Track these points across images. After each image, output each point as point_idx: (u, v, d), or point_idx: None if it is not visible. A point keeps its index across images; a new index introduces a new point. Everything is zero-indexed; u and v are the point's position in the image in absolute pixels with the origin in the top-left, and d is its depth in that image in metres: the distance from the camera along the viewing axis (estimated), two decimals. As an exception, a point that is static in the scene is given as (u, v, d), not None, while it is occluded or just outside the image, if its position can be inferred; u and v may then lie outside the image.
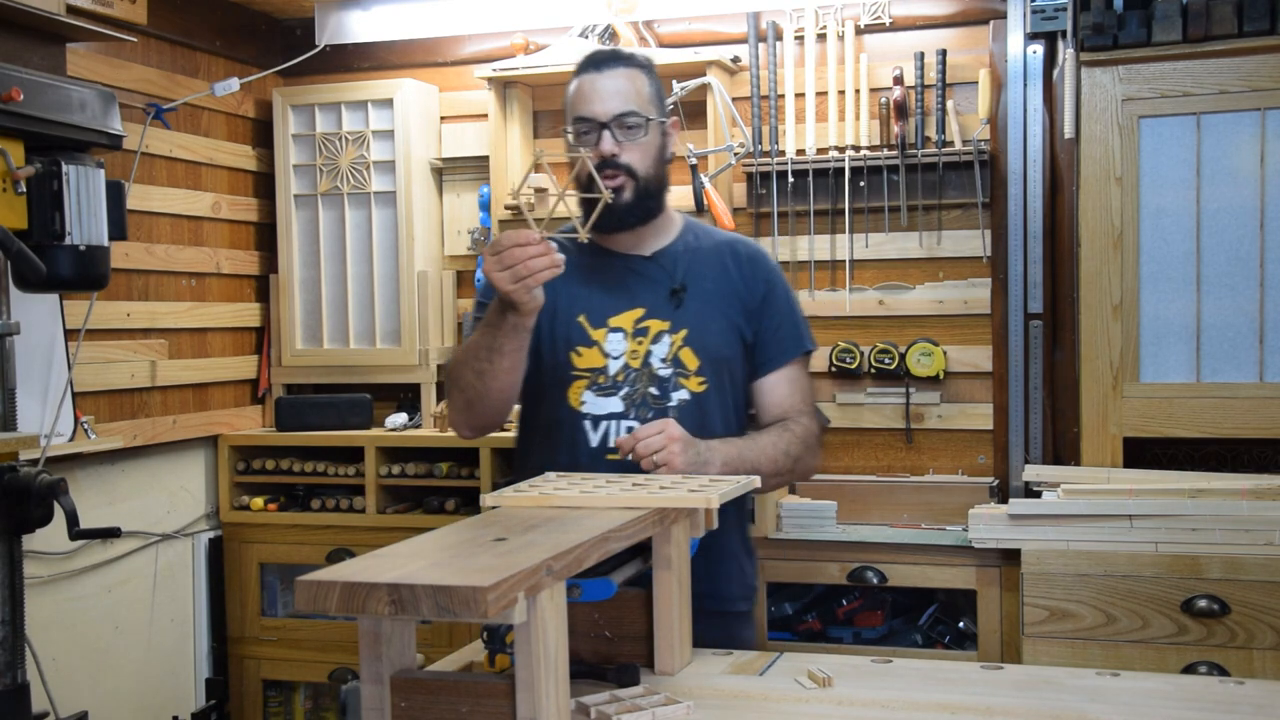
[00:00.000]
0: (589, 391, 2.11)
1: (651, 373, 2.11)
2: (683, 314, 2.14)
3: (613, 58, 2.14)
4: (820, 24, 3.44)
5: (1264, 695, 1.59)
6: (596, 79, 2.11)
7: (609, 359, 2.11)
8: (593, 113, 2.09)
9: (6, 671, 2.08)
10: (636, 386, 2.10)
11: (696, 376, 2.13)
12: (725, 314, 2.17)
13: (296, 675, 3.66)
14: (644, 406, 2.10)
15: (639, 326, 2.13)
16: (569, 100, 2.15)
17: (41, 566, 3.04)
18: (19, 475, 2.05)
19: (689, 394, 2.12)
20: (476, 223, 3.75)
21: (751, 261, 2.23)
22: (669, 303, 2.14)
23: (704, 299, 2.16)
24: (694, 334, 2.13)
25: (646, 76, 2.15)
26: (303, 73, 3.83)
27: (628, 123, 2.09)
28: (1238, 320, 2.84)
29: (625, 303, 2.13)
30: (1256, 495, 2.65)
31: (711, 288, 2.17)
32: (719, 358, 2.15)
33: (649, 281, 2.15)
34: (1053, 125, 3.24)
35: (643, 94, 2.12)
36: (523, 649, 1.37)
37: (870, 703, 1.57)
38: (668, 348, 2.12)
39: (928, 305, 3.42)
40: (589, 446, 2.09)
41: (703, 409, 2.12)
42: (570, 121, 2.13)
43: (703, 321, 2.14)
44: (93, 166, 2.25)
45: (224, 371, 3.69)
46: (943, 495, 3.26)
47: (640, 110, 2.10)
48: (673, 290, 2.15)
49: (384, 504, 3.55)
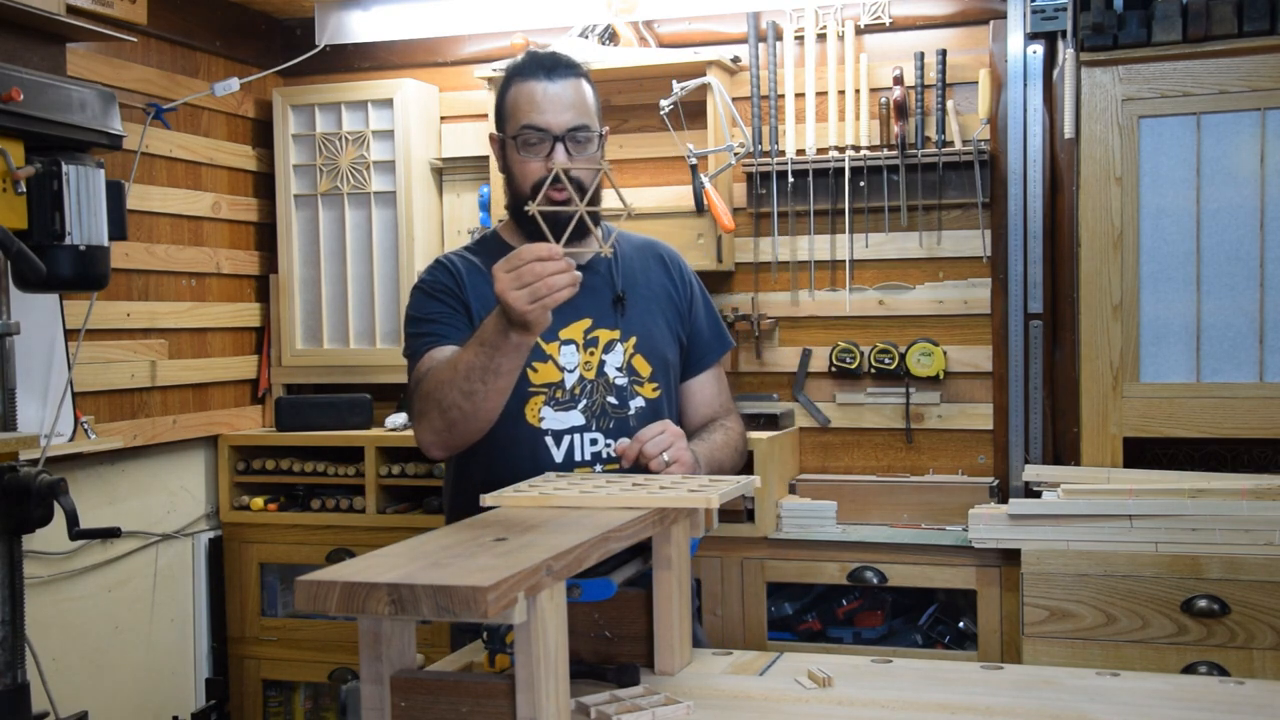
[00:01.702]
0: (547, 407, 2.07)
1: (608, 382, 2.10)
2: (628, 321, 2.14)
3: (562, 65, 2.09)
4: (820, 24, 3.44)
5: (1264, 695, 1.59)
6: (549, 87, 2.05)
7: (565, 372, 2.09)
8: (546, 123, 2.04)
9: (6, 671, 2.08)
10: (594, 398, 2.09)
11: (650, 383, 2.14)
12: (664, 317, 2.19)
13: (296, 675, 3.66)
14: (604, 417, 2.09)
15: (589, 337, 2.12)
16: (512, 103, 2.08)
17: (41, 566, 3.04)
18: (19, 475, 2.06)
19: (645, 401, 2.12)
20: (476, 223, 3.75)
21: (676, 264, 2.26)
22: (613, 311, 2.14)
23: (643, 304, 2.17)
24: (643, 340, 2.14)
25: (590, 86, 2.12)
26: (303, 73, 3.83)
27: (579, 136, 2.06)
28: (1238, 320, 2.84)
29: (570, 314, 2.07)
30: (1256, 495, 2.65)
31: (646, 292, 2.18)
32: (666, 362, 2.17)
33: (589, 291, 2.07)
34: (1053, 125, 3.24)
35: (590, 106, 2.09)
36: (523, 649, 1.37)
37: (870, 703, 1.57)
38: (621, 356, 2.12)
39: (928, 305, 3.42)
40: (553, 463, 2.06)
41: (657, 414, 2.12)
42: (515, 127, 2.07)
43: (647, 327, 2.15)
44: (93, 166, 2.25)
45: (224, 371, 3.69)
46: (943, 495, 3.26)
47: (590, 124, 2.07)
48: (616, 298, 2.14)
49: (384, 504, 3.55)
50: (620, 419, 2.10)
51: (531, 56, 2.12)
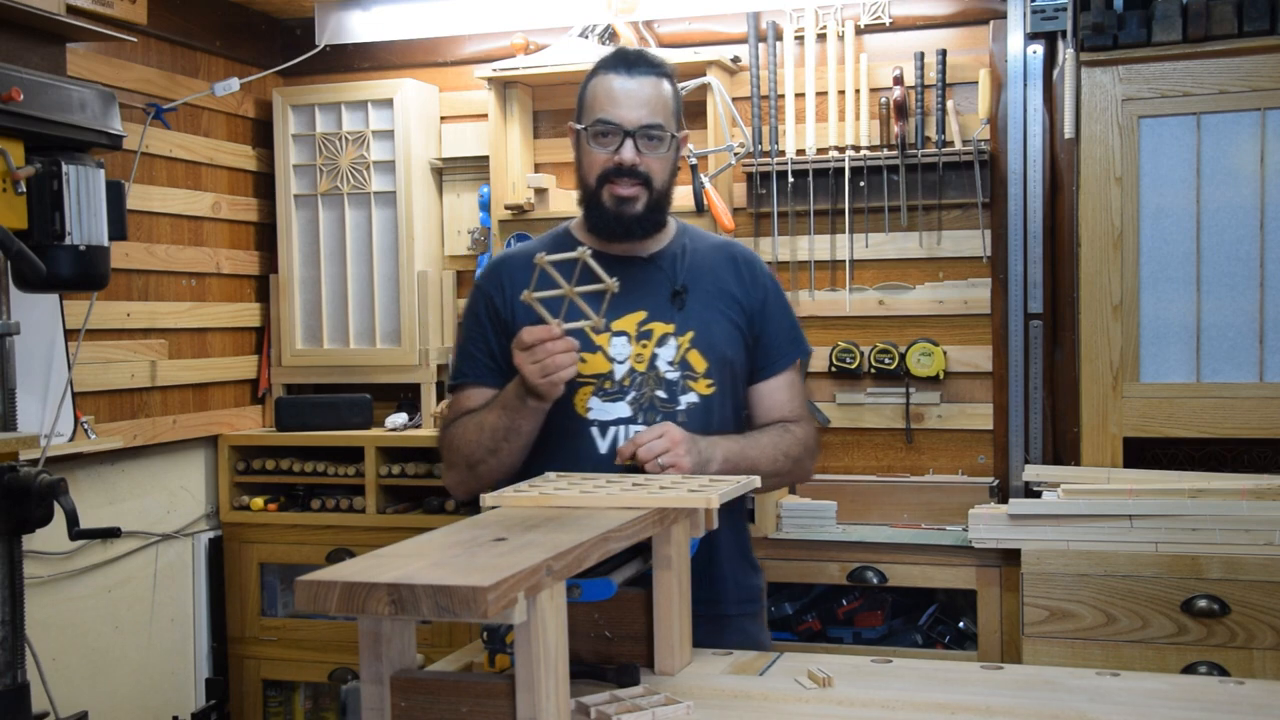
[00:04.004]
0: (595, 397, 2.08)
1: (658, 376, 2.08)
2: (686, 316, 2.11)
3: (644, 61, 2.08)
4: (820, 24, 3.44)
5: (1264, 695, 1.59)
6: (626, 82, 2.05)
7: (614, 363, 2.08)
8: (619, 118, 2.04)
9: (6, 671, 2.08)
10: (644, 390, 2.08)
11: (705, 379, 2.10)
12: (727, 315, 2.14)
13: (296, 675, 3.66)
14: (652, 410, 2.07)
15: (642, 329, 2.10)
16: (590, 96, 2.08)
17: (41, 566, 3.04)
18: (19, 475, 2.06)
19: (697, 397, 2.09)
20: (476, 223, 3.75)
21: (749, 266, 2.21)
22: (671, 305, 2.12)
23: (705, 300, 2.14)
24: (700, 335, 2.11)
25: (671, 87, 2.10)
26: (303, 73, 3.83)
27: (651, 134, 2.05)
28: (1238, 320, 2.84)
29: (626, 306, 2.08)
30: (1256, 495, 2.65)
31: (711, 289, 2.15)
32: (725, 359, 2.12)
33: (649, 284, 2.12)
34: (1053, 125, 3.24)
35: (668, 106, 2.08)
36: (523, 649, 1.37)
37: (870, 703, 1.57)
38: (675, 350, 2.09)
39: (928, 305, 3.42)
40: (596, 454, 2.07)
41: (710, 412, 2.10)
42: (589, 119, 2.07)
43: (707, 323, 2.12)
44: (93, 166, 2.25)
45: (224, 371, 3.69)
46: (943, 495, 3.26)
47: (665, 124, 2.06)
48: (674, 292, 2.12)
49: (384, 504, 3.55)
50: (668, 413, 2.07)
51: (618, 52, 2.12)
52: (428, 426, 3.64)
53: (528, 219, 3.59)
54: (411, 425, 3.67)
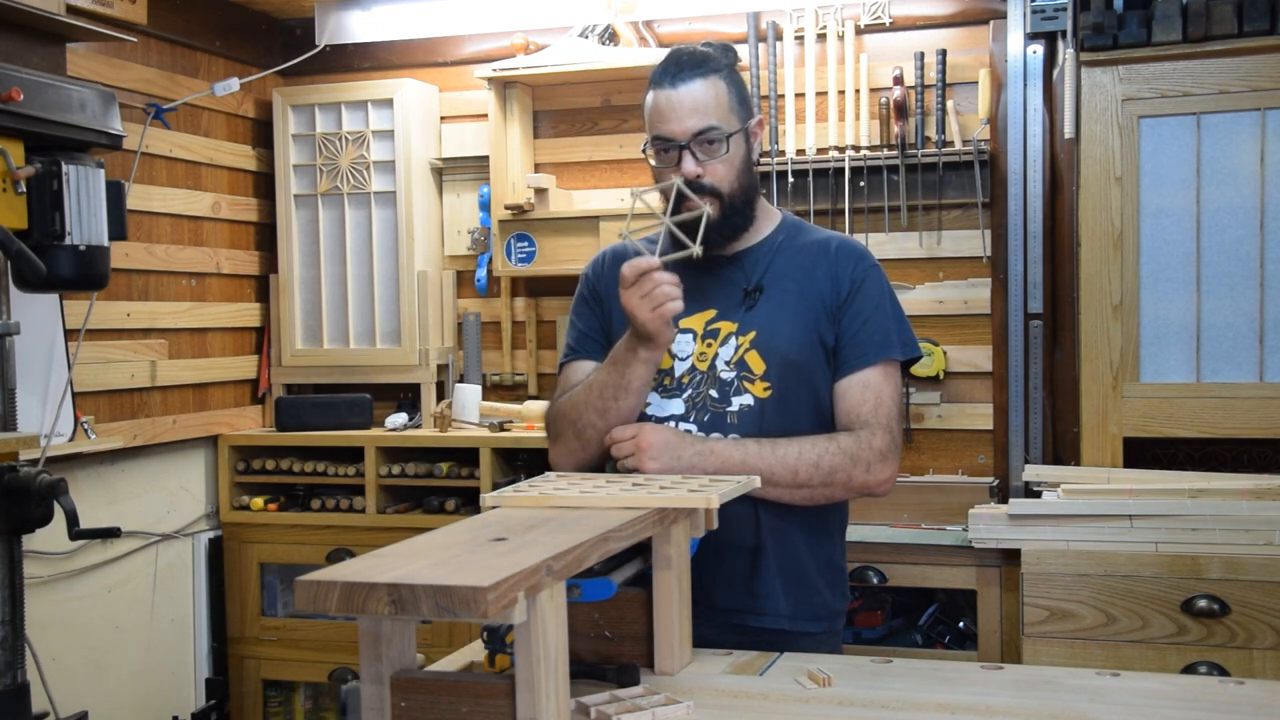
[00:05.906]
0: (655, 393, 2.04)
1: (715, 375, 2.02)
2: (753, 316, 2.04)
3: (688, 65, 2.01)
4: (820, 24, 3.44)
5: (1264, 695, 1.59)
6: (671, 95, 1.99)
7: (676, 360, 2.04)
8: (670, 132, 1.99)
9: (6, 671, 2.08)
10: (700, 389, 2.02)
11: (762, 381, 2.01)
12: (803, 316, 2.04)
13: (296, 675, 3.66)
14: (703, 410, 2.01)
15: (709, 328, 2.05)
16: (647, 114, 2.05)
17: (41, 566, 3.04)
18: (19, 475, 2.06)
19: (752, 399, 2.00)
20: (476, 223, 3.75)
21: (842, 259, 2.08)
22: (741, 304, 2.05)
23: (780, 300, 2.05)
24: (763, 336, 2.02)
25: (726, 81, 2.01)
26: (303, 73, 3.83)
27: (708, 138, 1.98)
28: (1238, 320, 2.84)
29: (698, 304, 2.03)
30: (1256, 495, 2.65)
31: (793, 288, 2.05)
32: (789, 362, 2.02)
33: (724, 282, 2.06)
34: (1053, 125, 3.24)
35: (723, 103, 1.99)
36: (523, 649, 1.37)
37: (870, 703, 1.57)
38: (734, 350, 2.03)
39: (928, 305, 3.42)
40: None
41: (764, 415, 2.00)
42: (649, 137, 2.04)
43: (774, 324, 2.03)
44: (93, 166, 2.25)
45: (224, 371, 3.69)
46: (943, 495, 3.26)
47: (720, 123, 1.99)
48: (746, 291, 2.06)
49: (384, 504, 3.55)
50: (717, 414, 2.00)
51: (664, 60, 2.05)
52: (428, 427, 3.64)
53: (527, 219, 3.59)
54: (411, 425, 3.67)
